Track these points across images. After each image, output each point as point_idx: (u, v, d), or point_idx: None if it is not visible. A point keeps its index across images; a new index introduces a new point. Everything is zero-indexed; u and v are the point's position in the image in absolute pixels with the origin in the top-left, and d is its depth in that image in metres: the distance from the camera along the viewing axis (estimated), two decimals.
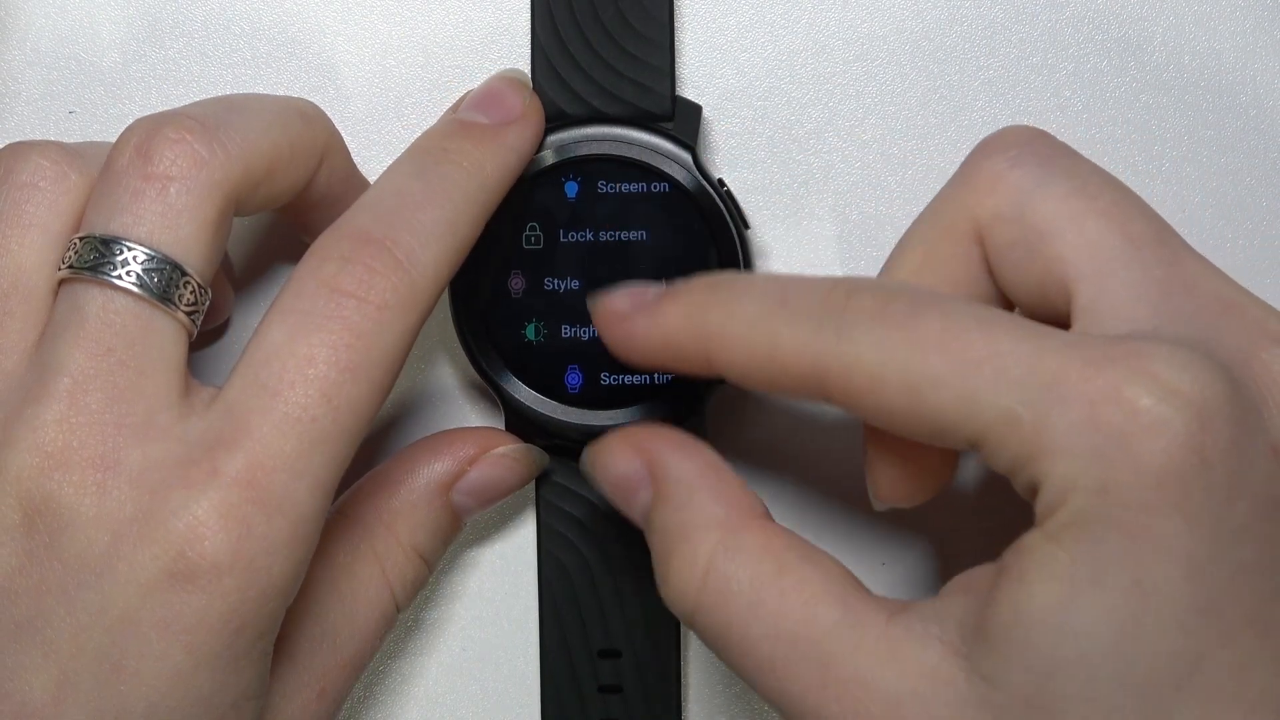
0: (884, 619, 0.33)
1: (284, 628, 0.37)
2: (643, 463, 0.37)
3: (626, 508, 0.38)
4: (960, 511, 0.45)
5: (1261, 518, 0.31)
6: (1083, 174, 0.36)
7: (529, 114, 0.41)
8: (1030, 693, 0.31)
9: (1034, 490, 0.32)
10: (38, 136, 0.42)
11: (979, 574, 0.33)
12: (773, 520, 0.36)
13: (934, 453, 0.37)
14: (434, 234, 0.37)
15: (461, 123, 0.40)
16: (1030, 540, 0.32)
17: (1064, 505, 0.31)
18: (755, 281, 0.36)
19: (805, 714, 0.34)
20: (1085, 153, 0.45)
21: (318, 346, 0.35)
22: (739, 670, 0.35)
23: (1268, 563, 0.32)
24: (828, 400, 0.34)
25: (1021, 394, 0.31)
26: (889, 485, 0.38)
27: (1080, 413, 0.31)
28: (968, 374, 0.32)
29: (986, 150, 0.37)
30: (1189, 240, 0.35)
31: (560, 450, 0.44)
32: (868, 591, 0.34)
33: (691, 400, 0.43)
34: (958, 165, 0.45)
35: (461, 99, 0.41)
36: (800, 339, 0.34)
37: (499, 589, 0.46)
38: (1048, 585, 0.31)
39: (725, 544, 0.35)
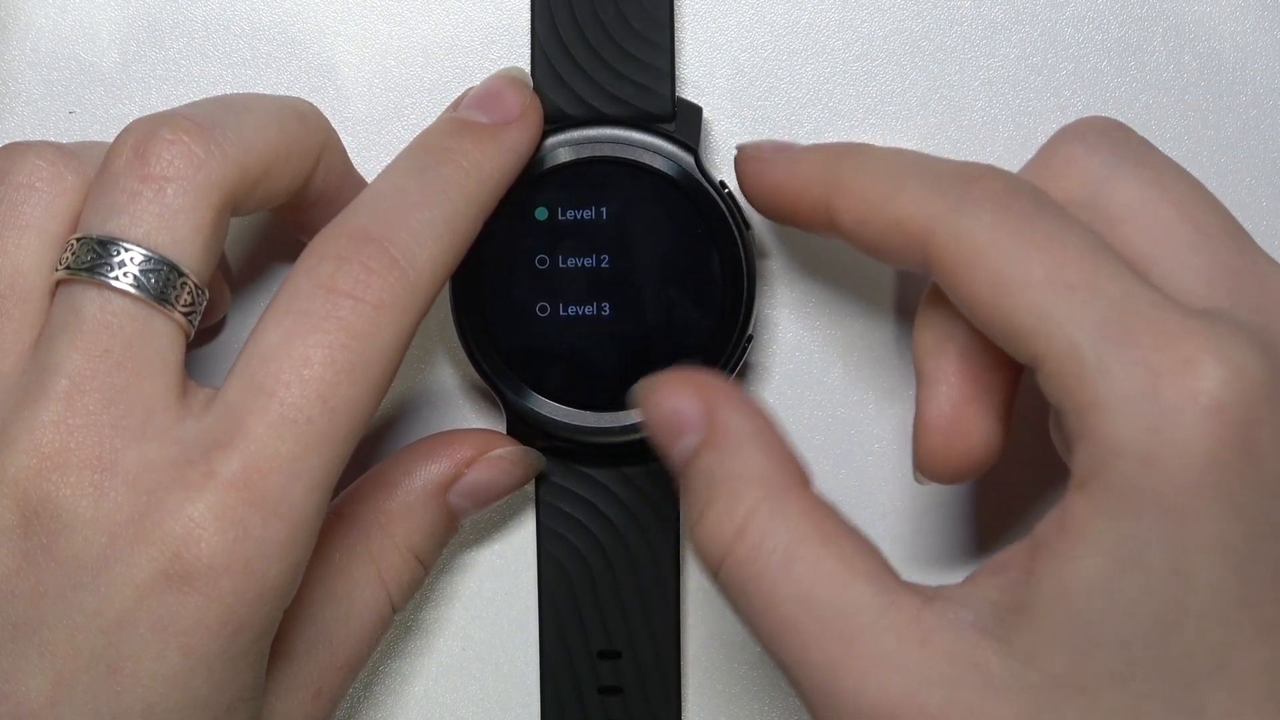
0: (918, 603, 0.33)
1: (280, 629, 0.37)
2: (701, 406, 0.36)
3: (667, 445, 0.37)
4: (959, 515, 0.45)
5: None
6: (1157, 165, 0.36)
7: (528, 114, 0.41)
8: (1066, 671, 0.31)
9: (1078, 438, 0.32)
10: (37, 136, 0.42)
11: (1012, 553, 0.33)
12: (816, 491, 0.36)
13: (984, 423, 0.37)
14: (431, 233, 0.37)
15: (461, 121, 0.40)
16: (1073, 508, 0.32)
17: (1107, 468, 0.31)
18: (895, 148, 0.37)
19: (820, 684, 0.33)
20: None
21: (314, 347, 0.35)
22: (756, 627, 0.35)
23: None
24: (925, 266, 0.35)
25: (1095, 335, 0.32)
26: (932, 458, 0.37)
27: (1143, 379, 0.31)
28: (1058, 290, 0.32)
29: (1065, 136, 0.37)
30: None
31: (560, 452, 0.44)
32: (898, 576, 0.34)
33: None
34: None
35: (461, 97, 0.41)
36: (920, 197, 0.35)
37: (499, 590, 0.46)
38: (1093, 560, 0.31)
39: (769, 500, 0.35)
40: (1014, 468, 0.41)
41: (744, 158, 0.40)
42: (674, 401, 0.37)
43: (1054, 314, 0.32)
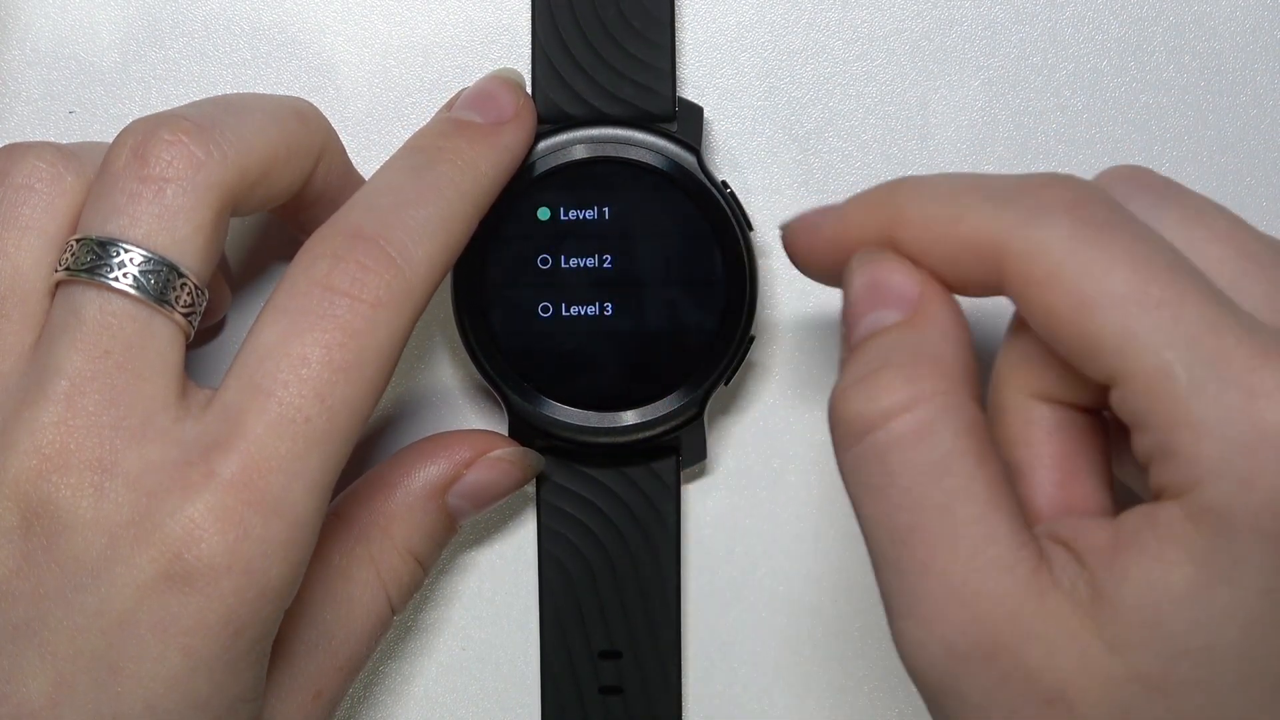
0: (1037, 556, 0.32)
1: (280, 630, 0.37)
2: (917, 288, 0.34)
3: (860, 311, 0.35)
4: None
5: None
6: (1194, 204, 0.35)
7: (522, 114, 0.41)
8: (1151, 672, 0.31)
9: (1164, 456, 0.31)
10: (37, 136, 0.42)
11: (1092, 532, 0.33)
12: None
13: (1094, 497, 0.35)
14: (427, 231, 0.37)
15: (455, 121, 0.40)
16: (1168, 514, 0.31)
17: (1203, 486, 0.31)
18: (948, 173, 0.35)
19: (932, 596, 0.32)
20: (1086, 152, 0.45)
21: (311, 346, 0.35)
22: (882, 516, 0.33)
23: None
24: (1000, 286, 0.33)
25: (1187, 354, 0.31)
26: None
27: (1238, 400, 0.30)
28: (1144, 308, 0.31)
29: None
30: None
31: (561, 452, 0.44)
32: (1026, 525, 0.33)
33: (694, 402, 0.43)
34: (958, 165, 0.45)
35: (455, 97, 0.41)
36: (989, 212, 0.33)
37: (499, 590, 0.46)
38: (1186, 569, 0.31)
39: (949, 395, 0.33)
40: None
41: (791, 232, 0.37)
42: (889, 273, 0.35)
43: (1141, 332, 0.31)
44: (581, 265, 0.42)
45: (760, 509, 0.46)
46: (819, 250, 0.36)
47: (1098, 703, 0.32)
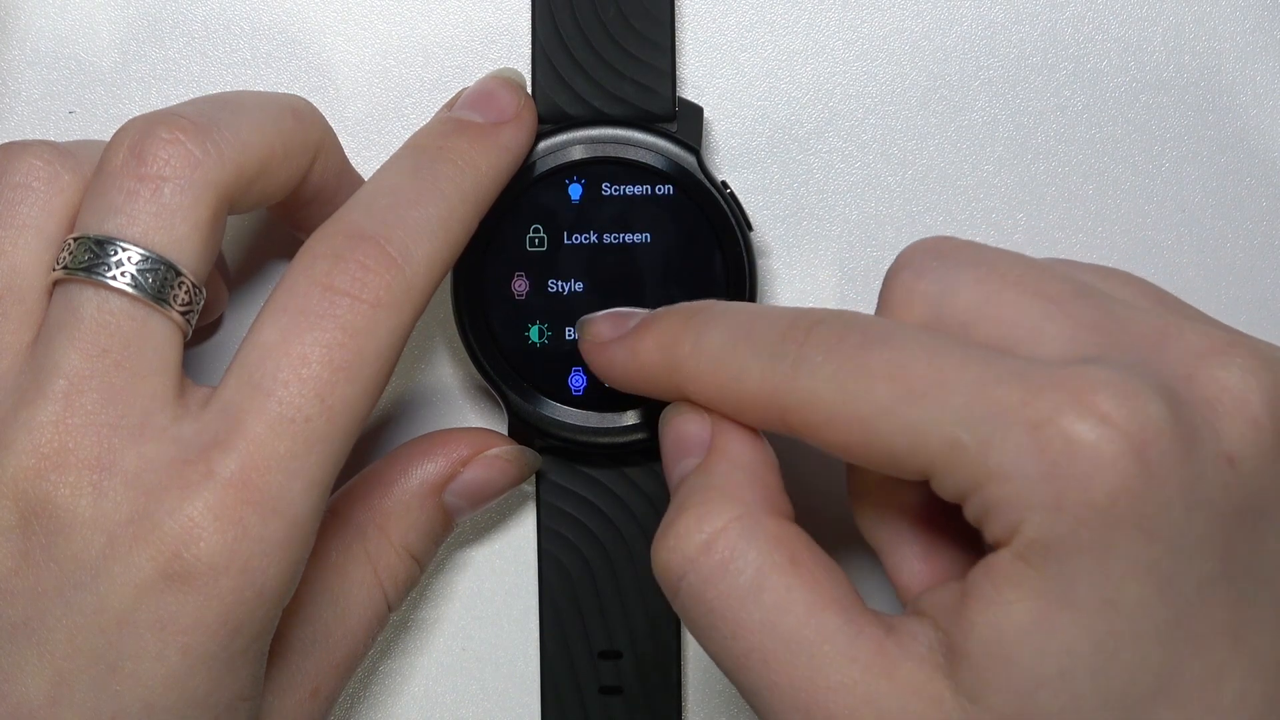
0: (881, 633, 0.33)
1: (277, 627, 0.37)
2: (707, 432, 0.36)
3: (670, 465, 0.37)
4: None
5: (1220, 527, 0.31)
6: (988, 259, 0.35)
7: (523, 114, 0.41)
8: (1013, 710, 0.31)
9: (985, 514, 0.32)
10: (37, 136, 0.42)
11: (942, 595, 0.34)
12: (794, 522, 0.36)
13: (960, 561, 0.36)
14: (427, 230, 0.37)
15: (456, 121, 0.40)
16: (999, 560, 0.32)
17: (1024, 524, 0.31)
18: (726, 312, 0.36)
19: (788, 710, 0.33)
20: (1086, 152, 0.45)
21: (311, 346, 0.35)
22: (719, 650, 0.34)
23: (1233, 571, 0.32)
24: (791, 433, 0.34)
25: (965, 421, 0.31)
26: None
27: (1024, 437, 0.31)
28: (912, 404, 0.32)
29: (895, 270, 0.36)
30: (1189, 240, 0.35)
31: (560, 451, 0.44)
32: (865, 604, 0.34)
33: None
34: (958, 165, 0.46)
35: (455, 97, 0.41)
36: (761, 372, 0.34)
37: (499, 589, 0.46)
38: (1024, 604, 0.31)
39: (743, 520, 0.34)
40: None
41: (586, 344, 0.39)
42: (685, 424, 0.37)
43: (919, 424, 0.32)
44: (581, 265, 0.42)
45: None
46: (615, 376, 0.38)
47: None
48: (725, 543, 0.34)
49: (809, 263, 0.45)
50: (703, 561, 0.34)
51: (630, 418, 0.43)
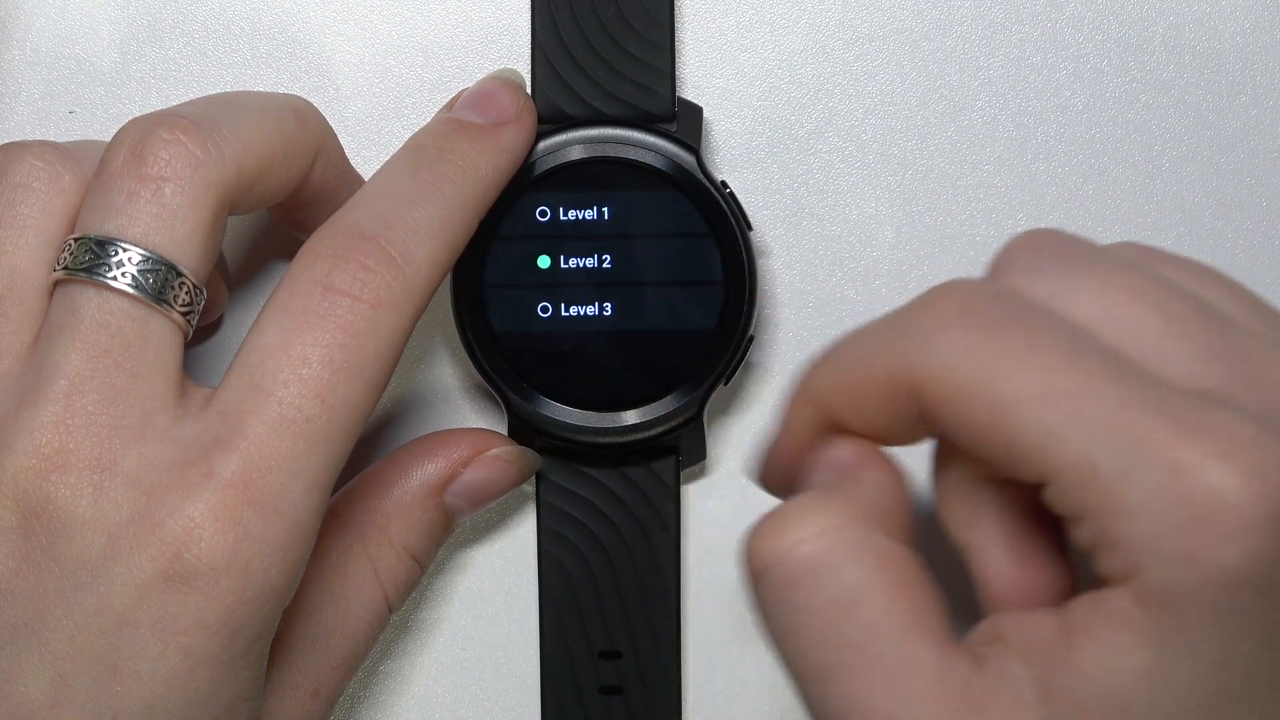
0: (967, 667, 0.32)
1: (278, 628, 0.37)
2: (856, 460, 0.34)
3: (805, 481, 0.35)
4: None
5: None
6: (1104, 265, 0.34)
7: (523, 115, 0.41)
8: None
9: (1103, 545, 0.31)
10: (37, 136, 0.42)
11: (1038, 628, 0.32)
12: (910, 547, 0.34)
13: (1050, 571, 0.34)
14: (428, 231, 0.37)
15: (456, 121, 0.40)
16: (1115, 601, 0.31)
17: (1146, 570, 0.30)
18: (850, 331, 0.34)
19: None
20: (1085, 153, 0.45)
21: (311, 346, 0.35)
22: (794, 655, 0.33)
23: None
24: (931, 417, 0.32)
25: (1106, 442, 0.30)
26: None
27: (1164, 480, 0.30)
28: (1052, 406, 0.30)
29: (1002, 267, 0.34)
30: (1189, 240, 0.35)
31: (560, 451, 0.44)
32: (956, 636, 0.33)
33: (693, 402, 0.43)
34: (958, 165, 0.45)
35: (455, 98, 0.41)
36: (887, 353, 0.33)
37: (499, 589, 0.46)
38: (1142, 653, 0.30)
39: (854, 529, 0.32)
40: None
41: (760, 471, 0.37)
42: (833, 451, 0.35)
43: (1057, 428, 0.30)
44: (581, 265, 0.42)
45: (760, 509, 0.45)
46: (785, 469, 0.36)
47: None
48: (831, 544, 0.32)
49: (809, 263, 0.45)
50: (797, 558, 0.32)
51: (630, 418, 0.43)
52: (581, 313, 0.42)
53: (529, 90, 0.43)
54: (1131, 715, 0.31)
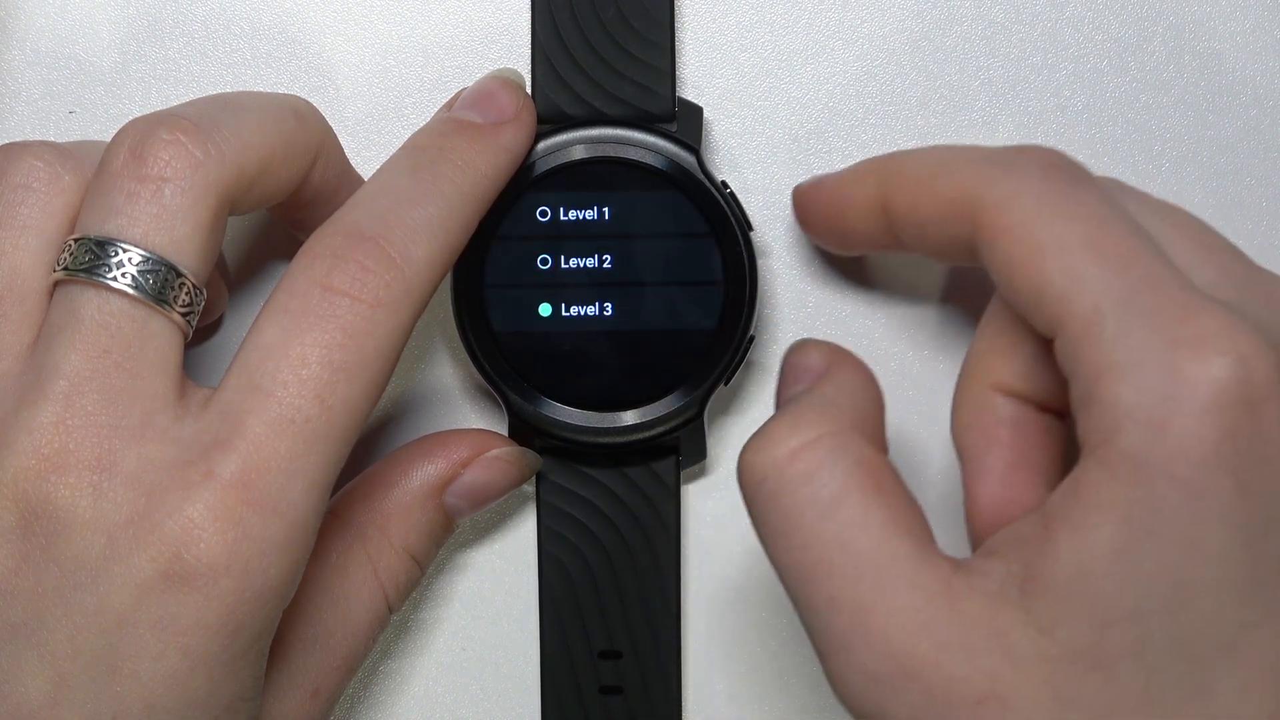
0: (948, 569, 0.34)
1: (278, 628, 0.37)
2: (825, 363, 0.37)
3: (782, 394, 0.38)
4: None
5: None
6: (1152, 199, 0.37)
7: (522, 114, 0.41)
8: (1084, 645, 0.32)
9: (1088, 403, 0.32)
10: (37, 136, 0.42)
11: (1025, 526, 0.34)
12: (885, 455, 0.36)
13: (1037, 495, 0.36)
14: (427, 231, 0.37)
15: (455, 121, 0.40)
16: (1085, 476, 0.32)
17: (1119, 433, 0.31)
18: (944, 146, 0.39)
19: (846, 626, 0.34)
20: (1085, 153, 0.45)
21: (310, 346, 0.35)
22: (784, 559, 0.35)
23: None
24: (973, 239, 0.35)
25: (1122, 303, 0.32)
26: (989, 535, 0.37)
27: (1160, 346, 0.31)
28: (1091, 257, 0.33)
29: (1052, 168, 0.37)
30: None
31: (560, 452, 0.44)
32: (937, 545, 0.35)
33: (694, 402, 0.43)
34: None
35: (455, 97, 0.41)
36: (971, 168, 0.36)
37: (499, 590, 0.46)
38: (1109, 529, 0.31)
39: (836, 437, 0.35)
40: None
41: (800, 192, 0.42)
42: (804, 355, 0.38)
43: (1084, 277, 0.33)
44: (581, 265, 0.42)
45: None
46: (821, 207, 0.41)
47: (1031, 694, 0.32)
48: (814, 454, 0.34)
49: (809, 263, 0.45)
50: (788, 468, 0.35)
51: (630, 418, 0.43)
52: (582, 313, 0.42)
53: (529, 90, 0.43)
54: (1097, 596, 0.31)
